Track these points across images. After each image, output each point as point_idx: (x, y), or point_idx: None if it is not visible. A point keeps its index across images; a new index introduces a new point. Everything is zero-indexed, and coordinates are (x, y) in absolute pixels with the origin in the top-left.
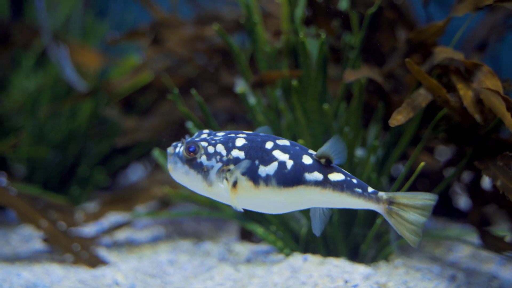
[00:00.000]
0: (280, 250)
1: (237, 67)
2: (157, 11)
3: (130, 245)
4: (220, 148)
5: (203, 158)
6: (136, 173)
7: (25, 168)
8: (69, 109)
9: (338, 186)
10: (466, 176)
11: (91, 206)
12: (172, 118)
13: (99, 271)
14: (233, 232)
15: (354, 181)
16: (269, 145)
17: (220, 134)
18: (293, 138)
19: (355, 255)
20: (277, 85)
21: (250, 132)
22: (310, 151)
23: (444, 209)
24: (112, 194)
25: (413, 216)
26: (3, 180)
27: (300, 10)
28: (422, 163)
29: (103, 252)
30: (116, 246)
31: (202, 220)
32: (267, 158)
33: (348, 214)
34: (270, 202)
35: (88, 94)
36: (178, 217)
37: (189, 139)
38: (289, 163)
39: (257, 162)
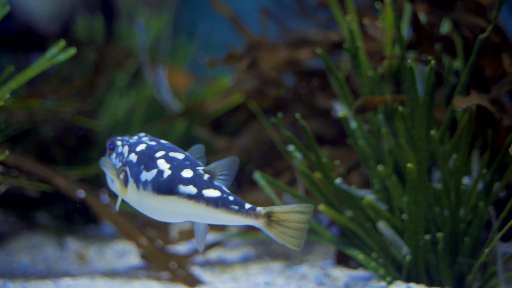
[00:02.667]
0: (382, 278)
1: (336, 91)
2: (248, 34)
3: (222, 264)
4: (125, 150)
5: (113, 156)
6: None
7: None
8: (160, 129)
9: (212, 202)
10: None
11: (183, 224)
12: (260, 139)
13: None
14: (321, 255)
15: (231, 198)
16: (159, 154)
17: (136, 138)
18: (394, 163)
19: (458, 286)
20: (379, 110)
21: (166, 142)
22: (200, 167)
23: None
24: None
25: (292, 231)
26: (105, 197)
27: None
28: None
29: (197, 271)
30: (209, 265)
31: None
32: (151, 165)
33: (453, 243)
34: (150, 207)
35: (182, 115)
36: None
37: (112, 138)
38: (167, 173)
39: (142, 167)
